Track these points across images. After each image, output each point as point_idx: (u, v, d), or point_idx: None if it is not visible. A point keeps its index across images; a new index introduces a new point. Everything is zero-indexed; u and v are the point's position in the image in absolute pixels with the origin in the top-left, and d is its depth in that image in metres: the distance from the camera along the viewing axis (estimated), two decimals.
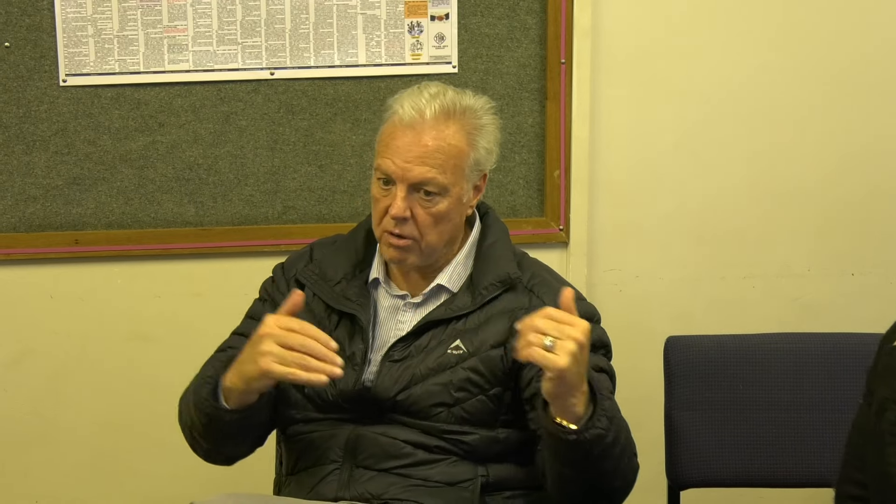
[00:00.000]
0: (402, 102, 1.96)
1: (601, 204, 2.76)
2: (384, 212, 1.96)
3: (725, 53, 2.73)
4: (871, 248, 2.83)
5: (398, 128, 1.95)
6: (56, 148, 2.68)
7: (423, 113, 1.94)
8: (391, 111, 1.99)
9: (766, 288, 2.83)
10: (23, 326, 2.76)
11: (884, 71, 2.76)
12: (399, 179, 1.93)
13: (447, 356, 1.95)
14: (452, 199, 1.97)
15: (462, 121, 1.96)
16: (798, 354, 2.33)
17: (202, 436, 1.98)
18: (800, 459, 2.30)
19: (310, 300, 2.04)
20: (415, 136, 1.93)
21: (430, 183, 1.93)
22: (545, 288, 2.01)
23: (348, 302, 2.02)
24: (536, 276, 2.05)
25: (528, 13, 2.67)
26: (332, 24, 2.65)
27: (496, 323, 1.97)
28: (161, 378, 2.79)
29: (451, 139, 1.95)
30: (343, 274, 2.05)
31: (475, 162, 1.99)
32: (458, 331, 1.98)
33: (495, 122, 2.02)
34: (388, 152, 1.94)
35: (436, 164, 1.93)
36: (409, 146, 1.92)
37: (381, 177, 1.96)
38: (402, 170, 1.92)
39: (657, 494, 2.46)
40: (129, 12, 2.63)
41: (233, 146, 2.69)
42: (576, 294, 1.99)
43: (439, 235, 1.98)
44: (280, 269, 2.14)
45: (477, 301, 1.99)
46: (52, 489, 2.83)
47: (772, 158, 2.78)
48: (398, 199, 1.93)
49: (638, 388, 2.74)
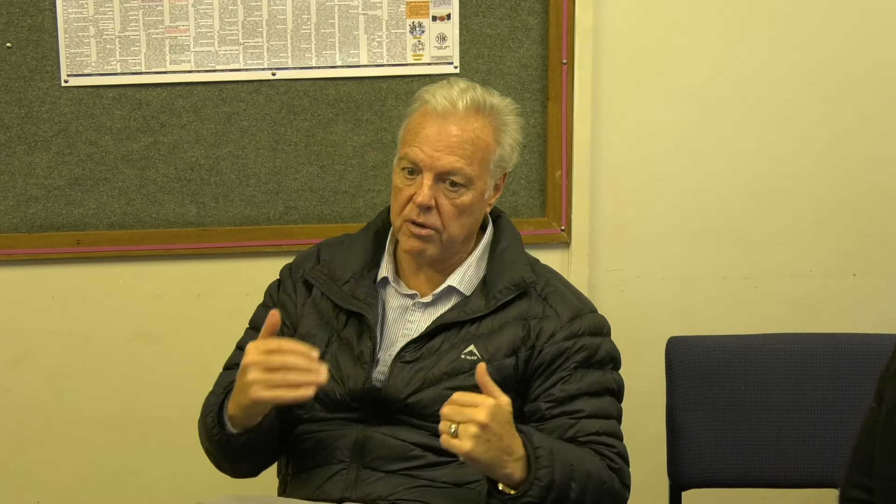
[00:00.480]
0: (434, 93, 1.99)
1: (603, 204, 2.77)
2: (407, 201, 1.97)
3: (727, 54, 2.73)
4: (873, 248, 2.83)
5: (429, 117, 1.97)
6: (58, 148, 2.68)
7: (456, 104, 1.96)
8: (420, 101, 2.01)
9: (768, 288, 2.83)
10: (24, 327, 2.75)
11: (886, 71, 2.76)
12: (427, 168, 1.94)
13: (461, 361, 1.95)
14: (476, 192, 1.98)
15: (490, 117, 1.99)
16: (800, 355, 2.33)
17: (219, 460, 2.04)
18: (801, 460, 2.30)
19: (318, 300, 2.05)
20: (445, 126, 1.95)
21: (458, 173, 1.95)
22: (558, 298, 2.02)
23: (356, 301, 2.02)
24: (550, 284, 2.05)
25: (529, 13, 2.67)
26: (333, 24, 2.65)
27: (510, 330, 1.98)
28: (163, 378, 2.79)
29: (479, 132, 1.97)
30: (352, 273, 2.05)
31: (500, 158, 2.01)
32: (472, 335, 1.98)
33: (518, 122, 2.06)
34: (417, 141, 1.96)
35: (464, 155, 1.95)
36: (439, 135, 1.94)
37: (407, 166, 1.97)
38: (431, 158, 1.94)
39: (658, 495, 2.46)
40: (130, 13, 2.63)
41: (234, 146, 2.69)
42: (586, 307, 2.02)
43: (461, 228, 1.99)
44: (287, 271, 2.15)
45: (491, 304, 1.99)
46: (53, 489, 2.83)
47: (773, 158, 2.78)
48: (425, 187, 1.94)
49: (639, 389, 2.74)
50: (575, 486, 1.85)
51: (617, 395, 2.03)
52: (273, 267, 2.25)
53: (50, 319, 2.75)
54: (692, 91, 2.74)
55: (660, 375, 2.37)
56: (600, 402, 1.97)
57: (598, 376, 1.99)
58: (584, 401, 1.96)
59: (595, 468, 1.90)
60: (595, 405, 1.96)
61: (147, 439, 2.81)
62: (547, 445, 1.83)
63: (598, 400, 1.97)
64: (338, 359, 2.00)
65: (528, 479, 1.79)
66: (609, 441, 1.96)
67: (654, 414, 2.43)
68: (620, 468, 1.95)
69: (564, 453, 1.86)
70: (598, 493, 1.89)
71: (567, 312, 2.00)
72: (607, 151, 2.74)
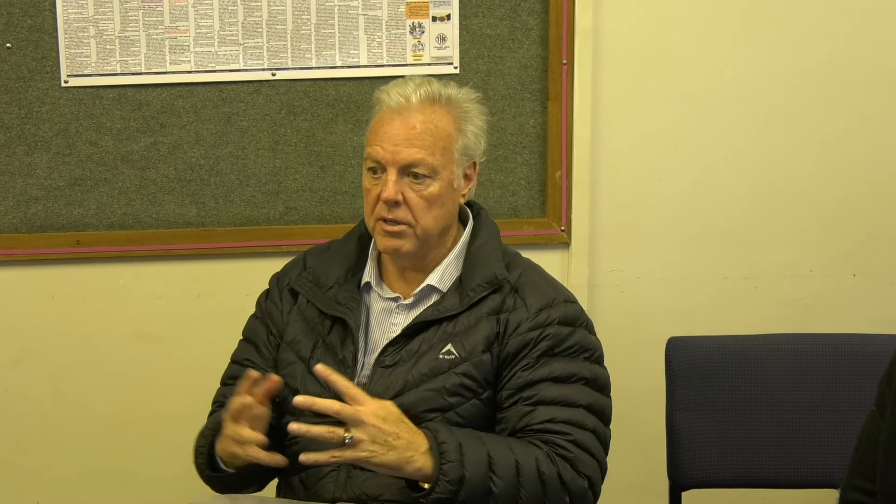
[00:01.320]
0: (388, 91, 2.00)
1: (603, 205, 2.77)
2: (376, 200, 1.98)
3: (727, 54, 2.73)
4: (873, 248, 2.83)
5: (385, 115, 1.98)
6: (58, 149, 2.68)
7: (410, 98, 1.97)
8: (378, 103, 2.02)
9: (768, 288, 2.83)
10: (24, 327, 2.76)
11: (885, 71, 2.76)
12: (389, 164, 1.95)
13: (439, 361, 1.95)
14: (443, 182, 1.98)
15: (448, 107, 2.00)
16: (800, 355, 2.33)
17: (219, 490, 2.09)
18: (802, 460, 2.30)
19: (303, 307, 2.07)
20: (402, 121, 1.96)
21: (420, 164, 1.95)
22: (530, 289, 2.01)
23: (338, 306, 2.03)
24: (524, 276, 2.04)
25: (529, 14, 2.67)
26: (333, 24, 2.65)
27: (484, 326, 1.97)
28: (162, 379, 2.79)
29: (438, 122, 1.98)
30: (335, 279, 2.06)
31: (464, 146, 2.01)
32: (449, 334, 1.98)
33: (480, 110, 2.05)
34: (377, 139, 1.97)
35: (424, 146, 1.95)
36: (397, 130, 1.96)
37: (371, 166, 1.99)
38: (391, 153, 1.95)
39: (658, 495, 2.46)
40: (130, 13, 2.63)
41: (234, 147, 2.69)
42: (560, 298, 2.00)
43: (434, 220, 1.99)
44: (275, 280, 2.17)
45: (465, 302, 1.99)
46: (53, 489, 2.83)
47: (773, 159, 2.78)
48: (390, 182, 1.95)
49: (639, 389, 2.75)
50: (498, 481, 1.83)
51: (593, 384, 1.99)
52: (273, 267, 2.25)
53: (50, 320, 2.75)
54: (692, 91, 2.74)
55: (660, 376, 2.37)
56: (563, 389, 1.94)
57: (564, 364, 1.95)
58: (544, 387, 1.94)
59: (527, 459, 1.86)
60: (556, 392, 1.93)
61: (147, 439, 2.81)
62: (454, 440, 1.83)
63: (561, 387, 1.94)
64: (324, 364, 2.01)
65: (433, 474, 1.81)
66: (564, 429, 1.91)
67: (654, 414, 2.43)
68: (575, 457, 1.90)
69: (479, 446, 1.85)
70: (537, 486, 1.86)
71: (536, 303, 1.98)
72: (607, 152, 2.74)
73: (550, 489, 1.87)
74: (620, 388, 2.83)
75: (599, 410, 1.98)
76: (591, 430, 1.94)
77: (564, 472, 1.89)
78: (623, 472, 2.87)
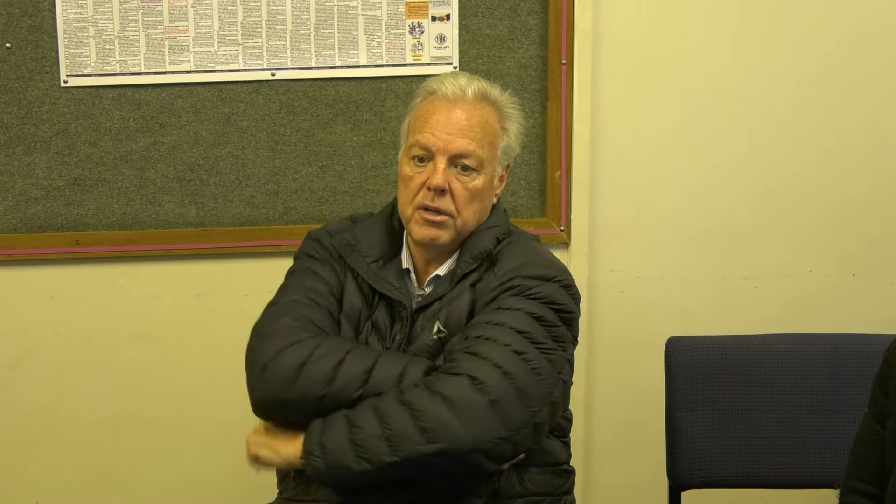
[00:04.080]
0: (442, 81, 2.02)
1: (602, 205, 2.77)
2: (419, 188, 1.98)
3: (726, 54, 2.73)
4: (872, 248, 2.83)
5: (438, 103, 2.00)
6: (57, 149, 2.68)
7: (465, 91, 2.00)
8: (426, 91, 2.03)
9: (767, 288, 2.83)
10: (24, 327, 2.76)
11: (885, 72, 2.76)
12: (440, 151, 1.97)
13: (434, 343, 1.96)
14: (487, 177, 2.01)
15: (495, 105, 2.04)
16: (799, 355, 2.33)
17: None
18: (801, 460, 2.30)
19: (356, 276, 2.04)
20: (456, 111, 1.98)
21: (471, 156, 1.97)
22: (506, 256, 1.98)
23: (393, 288, 2.02)
24: (508, 247, 2.01)
25: (529, 14, 2.67)
26: (332, 24, 2.65)
27: (466, 297, 1.98)
28: (162, 379, 2.79)
29: (488, 117, 2.01)
30: (380, 253, 2.05)
31: (506, 146, 2.05)
32: (436, 311, 1.99)
33: (519, 116, 2.09)
34: (428, 126, 1.98)
35: (475, 138, 1.98)
36: (451, 119, 1.98)
37: (418, 153, 1.99)
38: (443, 141, 1.96)
39: (658, 495, 2.46)
40: (129, 13, 2.63)
41: (234, 147, 2.69)
42: (532, 262, 1.96)
43: (473, 214, 2.01)
44: (327, 234, 2.10)
45: (453, 281, 2.00)
46: (53, 489, 2.83)
47: (773, 159, 2.78)
48: (439, 170, 1.96)
49: (639, 389, 2.75)
50: (361, 461, 1.79)
51: (543, 322, 1.90)
52: (273, 267, 2.25)
53: (49, 320, 2.75)
54: (691, 92, 2.74)
55: (659, 376, 2.37)
56: (499, 314, 1.88)
57: (518, 300, 1.90)
58: (484, 314, 1.91)
59: (385, 400, 1.81)
60: (489, 316, 1.89)
61: (146, 439, 2.81)
62: (318, 441, 1.82)
63: (499, 313, 1.88)
64: (368, 342, 2.01)
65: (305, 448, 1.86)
66: (466, 344, 1.85)
67: (654, 414, 2.43)
68: (458, 367, 1.82)
69: (343, 441, 1.81)
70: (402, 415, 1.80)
71: (505, 267, 1.96)
72: (607, 152, 2.74)
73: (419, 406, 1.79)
74: (620, 389, 2.85)
75: (539, 343, 1.87)
76: (512, 348, 1.84)
77: (439, 377, 1.82)
78: (623, 472, 2.88)
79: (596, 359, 2.81)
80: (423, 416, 1.78)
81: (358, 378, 1.85)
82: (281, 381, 1.86)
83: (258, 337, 1.94)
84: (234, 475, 2.81)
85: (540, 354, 1.86)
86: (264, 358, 1.89)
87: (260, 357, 1.90)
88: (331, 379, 1.84)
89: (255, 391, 1.91)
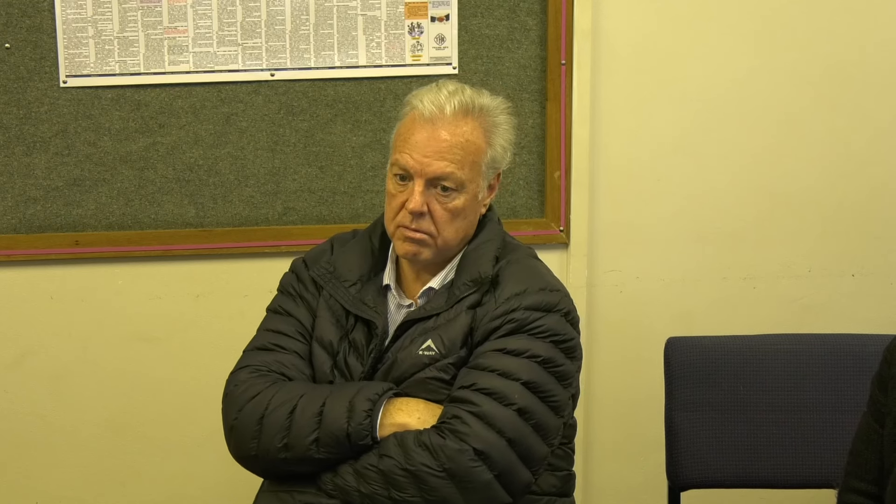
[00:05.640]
0: (422, 98, 1.98)
1: (601, 205, 2.76)
2: (400, 207, 1.97)
3: (725, 54, 2.73)
4: (872, 249, 2.83)
5: (417, 123, 1.96)
6: (56, 149, 2.68)
7: (444, 109, 1.95)
8: (409, 107, 2.00)
9: (767, 289, 2.83)
10: (23, 327, 2.76)
11: (885, 72, 2.76)
12: (417, 174, 1.94)
13: (418, 357, 1.95)
14: (469, 195, 1.98)
15: (479, 119, 1.98)
16: (798, 355, 2.33)
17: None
18: (800, 460, 2.30)
19: (328, 300, 2.06)
20: (434, 132, 1.95)
21: (449, 178, 1.95)
22: (507, 280, 1.97)
23: (366, 308, 2.02)
24: (507, 268, 2.00)
25: (528, 14, 2.67)
26: (332, 25, 2.65)
27: (462, 320, 1.96)
28: (162, 379, 2.79)
29: (469, 135, 1.96)
30: (359, 276, 2.06)
31: (491, 159, 2.01)
32: (429, 328, 1.97)
33: (510, 121, 2.04)
34: (407, 147, 1.95)
35: (454, 160, 1.94)
36: (429, 141, 1.94)
37: (398, 172, 1.97)
38: (420, 164, 1.94)
39: (657, 495, 2.46)
40: (129, 13, 2.63)
41: (233, 147, 2.69)
42: (534, 287, 1.96)
43: (455, 232, 1.99)
44: (303, 266, 2.12)
45: (450, 301, 1.99)
46: (53, 489, 2.83)
47: (772, 159, 2.78)
48: (416, 193, 1.94)
49: (638, 389, 2.75)
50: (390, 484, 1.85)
51: (546, 364, 1.91)
52: (272, 267, 2.25)
53: (49, 320, 2.75)
54: (690, 92, 2.74)
55: (659, 376, 2.37)
56: (508, 361, 1.89)
57: (522, 340, 1.91)
58: (490, 355, 1.91)
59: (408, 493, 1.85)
60: (499, 362, 1.89)
61: (146, 440, 2.81)
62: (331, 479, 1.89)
63: (507, 358, 1.89)
64: (347, 361, 2.01)
65: None
66: (474, 398, 1.86)
67: (653, 414, 2.43)
68: (467, 431, 1.84)
69: (352, 490, 1.87)
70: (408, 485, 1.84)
71: (506, 293, 1.96)
72: (606, 152, 2.74)
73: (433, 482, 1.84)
74: (619, 389, 2.85)
75: (544, 391, 1.90)
76: (517, 407, 1.87)
77: (444, 447, 1.84)
78: (622, 473, 2.88)
79: (595, 359, 2.81)
80: (429, 492, 1.84)
81: (311, 421, 1.90)
82: (247, 438, 1.94)
83: (224, 396, 2.02)
84: (233, 475, 2.81)
85: (546, 408, 1.90)
86: (230, 418, 1.98)
87: (227, 417, 1.99)
88: (287, 427, 1.91)
89: (232, 450, 1.99)
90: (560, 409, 1.93)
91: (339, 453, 1.88)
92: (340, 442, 1.87)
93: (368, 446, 1.88)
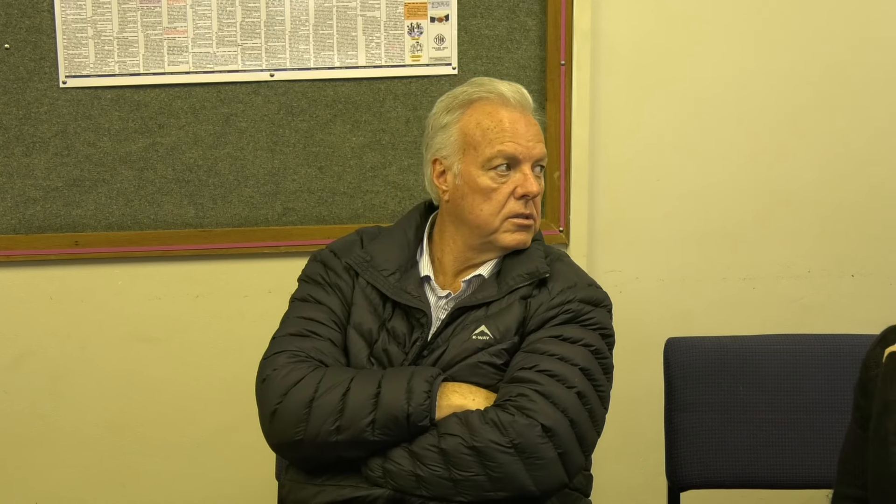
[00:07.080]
0: (497, 88, 2.04)
1: (601, 205, 2.77)
2: (507, 197, 2.00)
3: (725, 55, 2.73)
4: (872, 249, 2.83)
5: (506, 111, 2.02)
6: (56, 150, 2.68)
7: (524, 95, 2.05)
8: (478, 98, 2.03)
9: (767, 289, 2.83)
10: (23, 328, 2.76)
11: (885, 72, 2.76)
12: (526, 158, 2.00)
13: (472, 341, 1.97)
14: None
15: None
16: (798, 356, 2.33)
17: None
18: (800, 460, 2.30)
19: (364, 288, 2.05)
20: (523, 115, 2.03)
21: (545, 158, 2.05)
22: (557, 276, 2.02)
23: (408, 296, 2.02)
24: (555, 266, 2.05)
25: (527, 15, 2.67)
26: (331, 25, 2.65)
27: (515, 309, 1.99)
28: (161, 379, 2.79)
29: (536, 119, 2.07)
30: (397, 266, 2.06)
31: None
32: (483, 316, 1.99)
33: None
34: (508, 136, 2.00)
35: (542, 139, 2.04)
36: (526, 126, 2.02)
37: (502, 163, 2.00)
38: (526, 149, 2.00)
39: (657, 496, 2.46)
40: (128, 14, 2.63)
41: (233, 148, 2.69)
42: (583, 282, 2.04)
43: (539, 213, 2.07)
44: (332, 255, 2.11)
45: (503, 290, 2.01)
46: (52, 489, 2.83)
47: (772, 160, 2.78)
48: (530, 176, 2.01)
49: (638, 389, 2.75)
50: (422, 490, 1.85)
51: (598, 354, 1.97)
52: (271, 268, 2.25)
53: (48, 320, 2.75)
54: (690, 92, 2.74)
55: (658, 376, 2.37)
56: (566, 347, 1.94)
57: (577, 329, 1.97)
58: (548, 341, 1.95)
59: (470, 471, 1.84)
60: (558, 348, 1.93)
61: (145, 440, 2.81)
62: (381, 465, 1.87)
63: (565, 345, 1.94)
64: (387, 349, 2.01)
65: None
66: (538, 378, 1.89)
67: (653, 415, 2.43)
68: (533, 408, 1.86)
69: (406, 474, 1.86)
70: (473, 463, 1.84)
71: (559, 286, 2.01)
72: (605, 153, 2.74)
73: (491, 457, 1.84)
74: (619, 389, 2.83)
75: (596, 380, 1.95)
76: (577, 390, 1.90)
77: (514, 422, 1.85)
78: (622, 473, 2.88)
79: None
80: (495, 468, 1.83)
81: (368, 403, 1.87)
82: (293, 423, 1.88)
83: (262, 382, 1.95)
84: (233, 475, 2.82)
85: (597, 397, 1.95)
86: (272, 403, 1.91)
87: (268, 403, 1.92)
88: (340, 409, 1.87)
89: (270, 437, 1.93)
90: (605, 400, 2.00)
91: (396, 435, 1.87)
92: (399, 423, 1.86)
93: (426, 428, 1.86)
